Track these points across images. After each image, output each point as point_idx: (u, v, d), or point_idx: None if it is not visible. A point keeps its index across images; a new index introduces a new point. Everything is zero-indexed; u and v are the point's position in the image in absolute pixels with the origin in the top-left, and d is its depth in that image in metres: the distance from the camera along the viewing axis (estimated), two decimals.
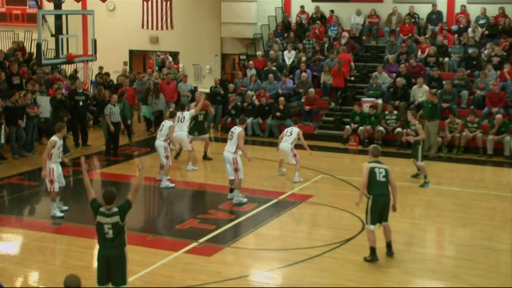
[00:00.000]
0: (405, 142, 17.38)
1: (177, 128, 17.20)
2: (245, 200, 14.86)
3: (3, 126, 18.40)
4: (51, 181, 13.45)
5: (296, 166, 16.77)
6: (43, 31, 17.48)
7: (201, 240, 12.54)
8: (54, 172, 13.48)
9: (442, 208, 15.04)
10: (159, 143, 16.36)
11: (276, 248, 12.53)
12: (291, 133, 16.88)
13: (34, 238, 12.78)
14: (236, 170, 14.76)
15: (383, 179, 11.37)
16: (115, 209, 9.04)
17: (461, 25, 24.12)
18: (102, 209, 9.05)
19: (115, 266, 9.02)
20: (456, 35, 23.69)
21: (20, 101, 18.85)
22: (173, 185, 16.28)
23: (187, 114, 17.94)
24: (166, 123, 16.59)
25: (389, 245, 11.74)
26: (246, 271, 11.35)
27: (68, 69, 25.66)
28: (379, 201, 11.37)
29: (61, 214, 13.63)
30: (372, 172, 11.34)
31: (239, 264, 11.64)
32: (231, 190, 15.03)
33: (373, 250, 11.46)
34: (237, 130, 14.94)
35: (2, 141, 18.52)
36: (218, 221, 13.70)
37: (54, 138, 13.59)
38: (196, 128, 18.87)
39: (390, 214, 14.17)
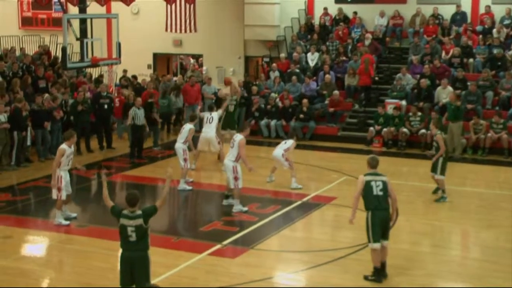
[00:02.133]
0: (430, 156, 16.66)
1: (206, 129, 17.35)
2: (245, 209, 14.48)
3: (29, 129, 18.60)
4: (59, 189, 13.29)
5: (291, 172, 16.47)
6: (68, 35, 17.64)
7: (225, 242, 12.58)
8: (62, 179, 13.32)
9: (466, 209, 14.95)
10: (179, 145, 16.42)
11: (300, 250, 12.55)
12: (286, 143, 16.86)
13: (60, 240, 12.91)
14: (235, 179, 14.36)
15: (381, 193, 10.61)
16: (139, 212, 9.07)
17: (486, 26, 23.93)
18: (125, 212, 9.10)
19: (138, 269, 9.04)
20: (480, 36, 23.51)
21: (46, 104, 19.03)
22: (190, 187, 16.33)
23: (215, 115, 18.04)
24: (186, 126, 16.70)
25: (383, 266, 10.87)
26: (270, 273, 11.37)
27: (94, 72, 25.86)
28: (378, 216, 10.63)
29: (67, 222, 13.46)
30: (367, 186, 10.64)
31: (262, 266, 11.64)
32: (227, 197, 14.87)
33: (377, 270, 10.81)
34: (238, 137, 14.54)
35: (29, 143, 18.72)
36: (242, 223, 13.74)
37: (63, 146, 13.44)
38: (228, 121, 19.02)
39: (414, 215, 14.26)
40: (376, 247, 10.69)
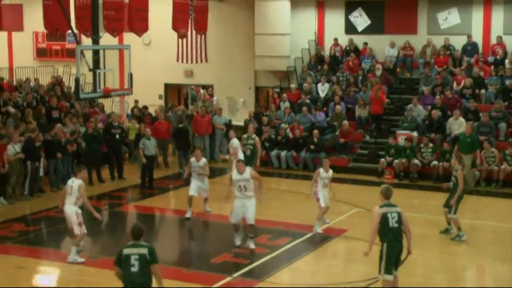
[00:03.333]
0: (446, 188, 16.37)
1: None
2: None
3: (42, 159, 18.67)
4: (80, 224, 13.14)
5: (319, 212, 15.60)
6: (81, 65, 17.75)
7: (235, 275, 12.52)
8: (80, 215, 13.21)
9: (481, 243, 14.83)
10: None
11: (311, 283, 12.46)
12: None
13: (72, 271, 12.88)
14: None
15: (396, 225, 10.57)
16: (144, 243, 9.14)
17: (498, 56, 23.95)
18: (129, 243, 9.20)
19: None
20: (492, 67, 23.51)
21: (59, 135, 19.14)
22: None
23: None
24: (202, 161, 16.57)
25: None
26: None
27: (106, 102, 26.02)
28: (395, 248, 10.60)
29: (82, 260, 13.23)
30: (384, 218, 10.55)
31: None
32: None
33: None
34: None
35: (41, 173, 18.79)
36: (252, 256, 13.66)
37: (82, 182, 13.29)
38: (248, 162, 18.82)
39: (427, 249, 14.16)
40: (390, 279, 10.65)
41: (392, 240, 10.57)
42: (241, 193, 13.73)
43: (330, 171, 15.69)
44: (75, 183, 13.18)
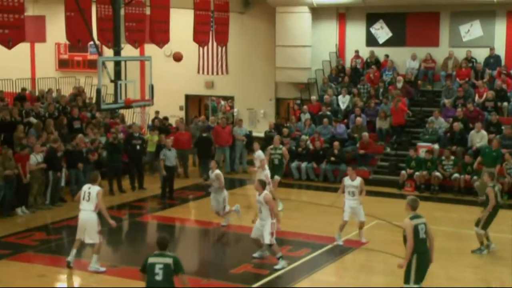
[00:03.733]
0: (481, 202, 16.02)
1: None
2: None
3: (63, 169, 18.81)
4: (100, 232, 13.15)
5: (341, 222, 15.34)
6: (103, 76, 17.87)
7: (255, 285, 12.49)
8: (99, 223, 13.18)
9: (502, 256, 14.66)
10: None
11: None
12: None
13: (92, 280, 12.94)
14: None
15: (424, 236, 10.66)
16: (169, 253, 9.35)
17: None
18: (155, 252, 9.42)
19: None
20: None
21: (80, 145, 19.26)
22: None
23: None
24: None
25: None
26: None
27: (127, 113, 26.16)
28: (424, 259, 10.68)
29: (104, 269, 13.19)
30: (415, 230, 10.58)
31: None
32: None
33: None
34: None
35: (63, 183, 18.92)
36: (272, 266, 13.61)
37: (100, 188, 13.30)
38: (273, 172, 18.65)
39: (449, 261, 14.06)
40: None
41: (423, 252, 10.64)
42: (260, 214, 13.65)
43: (357, 180, 15.14)
44: (92, 189, 13.12)
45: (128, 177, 21.06)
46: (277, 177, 18.55)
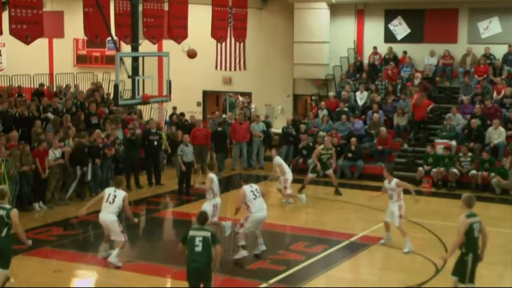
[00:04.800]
0: None
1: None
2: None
3: (89, 164, 18.93)
4: (123, 231, 13.26)
5: (401, 231, 14.62)
6: (121, 72, 17.95)
7: (271, 281, 12.51)
8: (120, 224, 13.33)
9: None
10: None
11: None
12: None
13: (108, 275, 13.00)
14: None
15: (478, 234, 10.56)
16: (207, 228, 10.57)
17: None
18: (194, 226, 10.69)
19: (203, 278, 10.38)
20: None
21: (97, 141, 19.34)
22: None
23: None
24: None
25: None
26: None
27: (144, 109, 26.26)
28: (477, 258, 10.62)
29: (120, 264, 13.25)
30: (470, 228, 10.46)
31: None
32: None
33: None
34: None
35: (89, 177, 19.03)
36: (288, 262, 13.65)
37: (126, 194, 13.29)
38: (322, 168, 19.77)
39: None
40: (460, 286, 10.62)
41: (476, 251, 10.59)
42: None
43: (393, 181, 14.50)
44: (118, 193, 13.19)
45: (145, 173, 21.13)
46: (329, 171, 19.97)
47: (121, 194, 13.18)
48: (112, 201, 13.14)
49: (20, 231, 11.19)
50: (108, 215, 13.19)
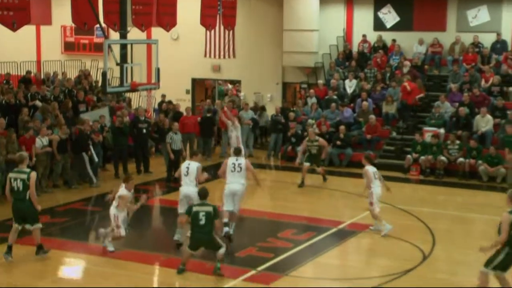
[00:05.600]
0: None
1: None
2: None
3: (91, 147, 19.06)
4: (117, 226, 13.15)
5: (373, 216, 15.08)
6: (109, 60, 17.85)
7: (259, 268, 12.53)
8: (118, 218, 13.17)
9: None
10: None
11: (334, 277, 12.47)
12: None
13: (96, 262, 12.99)
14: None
15: None
16: (211, 204, 11.90)
17: None
18: (197, 203, 12.08)
19: (206, 246, 11.99)
20: None
21: (86, 128, 19.26)
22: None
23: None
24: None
25: None
26: None
27: (133, 97, 26.18)
28: None
29: (113, 249, 13.30)
30: None
31: None
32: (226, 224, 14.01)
33: None
34: (244, 161, 14.30)
35: (96, 159, 19.19)
36: (276, 250, 13.68)
37: (127, 193, 13.21)
38: (312, 159, 19.43)
39: (452, 245, 14.12)
40: (491, 274, 10.70)
41: None
42: None
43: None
44: (122, 189, 13.22)
45: (134, 161, 21.10)
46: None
47: (124, 192, 13.18)
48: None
49: (33, 193, 12.56)
50: (110, 208, 13.25)
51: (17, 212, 12.75)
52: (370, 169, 15.06)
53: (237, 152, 14.56)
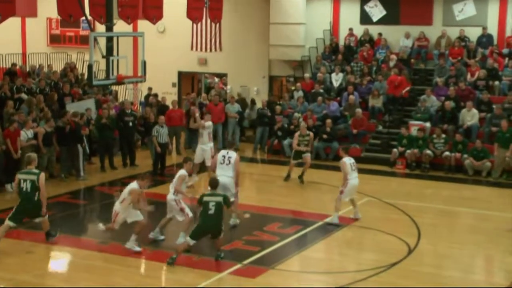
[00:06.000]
0: None
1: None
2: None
3: (84, 138, 19.17)
4: (114, 221, 13.03)
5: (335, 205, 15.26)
6: (95, 52, 17.76)
7: (245, 262, 12.54)
8: (118, 216, 13.03)
9: (491, 234, 14.74)
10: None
11: (320, 271, 12.51)
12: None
13: (81, 256, 12.95)
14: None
15: None
16: (221, 193, 12.35)
17: None
18: (207, 193, 12.30)
19: (213, 233, 12.27)
20: (507, 58, 23.38)
21: (71, 121, 19.16)
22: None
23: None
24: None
25: None
26: None
27: (120, 90, 26.09)
28: None
29: (139, 249, 12.99)
30: None
31: (283, 286, 11.59)
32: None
33: None
34: (234, 155, 14.46)
35: (88, 150, 19.41)
36: (262, 243, 13.69)
37: (138, 188, 13.04)
38: (298, 154, 19.17)
39: (438, 238, 14.18)
40: None
41: None
42: None
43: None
44: (133, 184, 13.21)
45: (119, 154, 21.03)
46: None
47: (129, 188, 13.18)
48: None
49: (44, 195, 12.92)
50: (115, 204, 13.32)
51: (23, 212, 13.00)
52: (347, 160, 15.22)
53: (229, 145, 14.86)
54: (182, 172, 13.46)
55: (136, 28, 26.19)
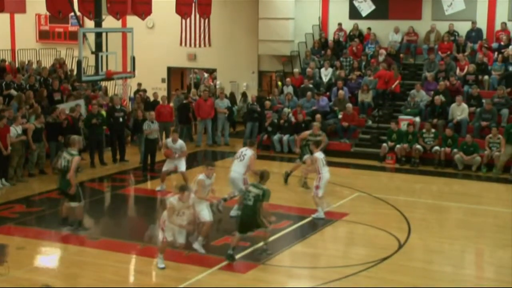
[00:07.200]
0: None
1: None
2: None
3: (82, 131, 19.31)
4: (162, 229, 11.96)
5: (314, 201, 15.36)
6: (84, 48, 17.74)
7: (236, 257, 12.53)
8: (165, 222, 12.07)
9: (481, 228, 14.82)
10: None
11: (310, 266, 12.52)
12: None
13: (72, 252, 12.94)
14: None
15: None
16: (263, 187, 12.19)
17: (502, 43, 23.84)
18: (253, 183, 12.47)
19: (249, 225, 12.23)
20: (496, 53, 23.46)
21: (60, 117, 19.12)
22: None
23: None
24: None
25: None
26: None
27: (109, 85, 26.03)
28: None
29: (204, 251, 12.74)
30: None
31: (273, 281, 11.62)
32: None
33: None
34: (248, 152, 14.91)
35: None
36: (253, 238, 13.62)
37: (176, 203, 11.96)
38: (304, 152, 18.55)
39: (428, 233, 14.22)
40: None
41: None
42: None
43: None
44: (173, 197, 13.00)
45: (109, 149, 20.98)
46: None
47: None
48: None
49: (72, 176, 13.55)
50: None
51: (59, 187, 14.20)
52: (319, 155, 15.47)
53: (250, 144, 15.44)
54: (200, 177, 13.04)
55: (125, 24, 26.18)
